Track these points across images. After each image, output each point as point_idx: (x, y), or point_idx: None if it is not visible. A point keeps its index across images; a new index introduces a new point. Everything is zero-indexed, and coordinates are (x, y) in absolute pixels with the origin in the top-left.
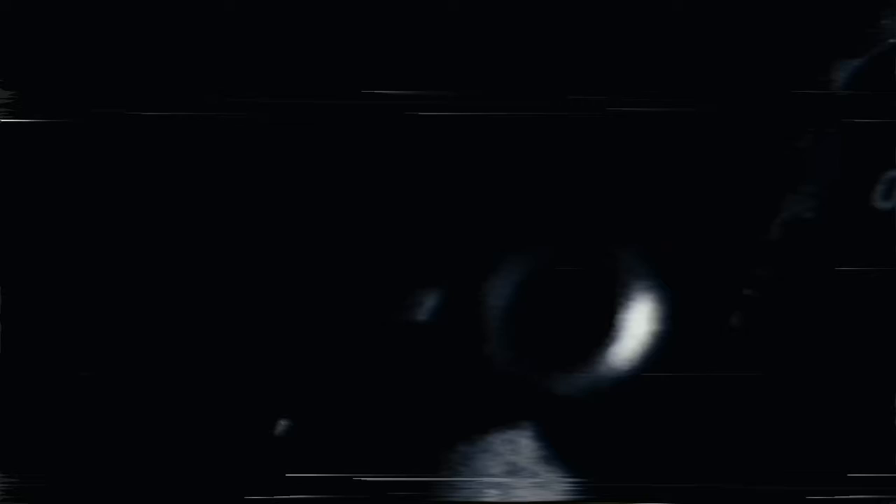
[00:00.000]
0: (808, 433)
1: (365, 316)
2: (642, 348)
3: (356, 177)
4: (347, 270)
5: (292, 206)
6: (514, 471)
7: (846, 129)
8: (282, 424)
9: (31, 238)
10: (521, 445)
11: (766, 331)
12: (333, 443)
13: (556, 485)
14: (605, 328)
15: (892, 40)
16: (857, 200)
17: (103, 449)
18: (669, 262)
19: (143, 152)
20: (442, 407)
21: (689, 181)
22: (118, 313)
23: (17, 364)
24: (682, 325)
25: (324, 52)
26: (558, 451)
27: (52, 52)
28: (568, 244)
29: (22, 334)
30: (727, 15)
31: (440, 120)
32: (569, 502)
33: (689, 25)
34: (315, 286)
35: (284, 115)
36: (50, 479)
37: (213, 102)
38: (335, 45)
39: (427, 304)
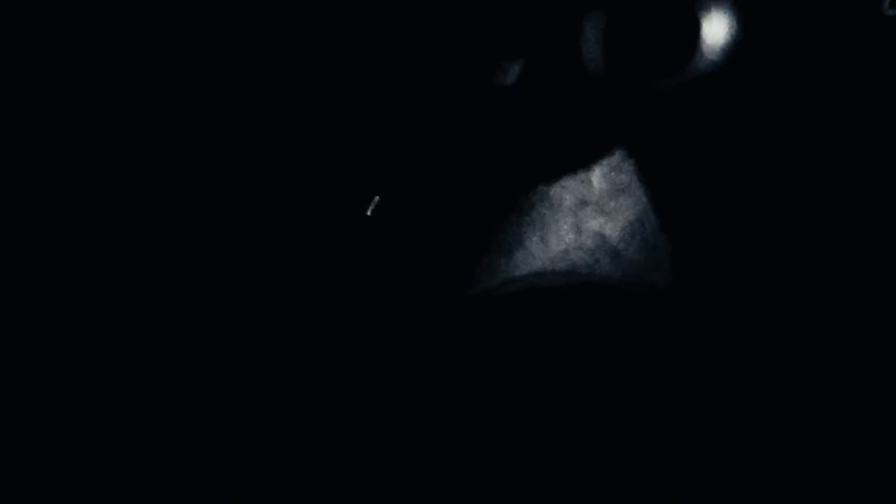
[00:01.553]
0: None
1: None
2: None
3: None
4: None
5: None
6: (583, 203)
7: None
8: (375, 201)
9: None
10: (591, 182)
11: None
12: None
13: (623, 214)
14: (687, 41)
15: None
16: None
17: None
18: None
19: None
20: (525, 152)
21: None
22: None
23: None
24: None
25: None
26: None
27: None
28: None
29: None
30: None
31: None
32: None
33: None
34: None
35: None
36: None
37: None
38: None
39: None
